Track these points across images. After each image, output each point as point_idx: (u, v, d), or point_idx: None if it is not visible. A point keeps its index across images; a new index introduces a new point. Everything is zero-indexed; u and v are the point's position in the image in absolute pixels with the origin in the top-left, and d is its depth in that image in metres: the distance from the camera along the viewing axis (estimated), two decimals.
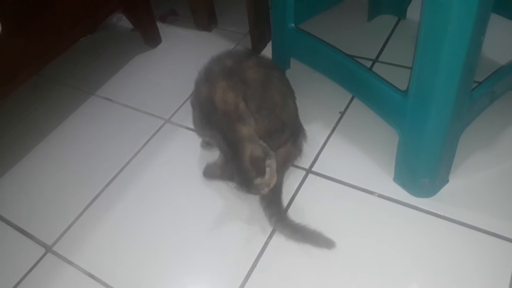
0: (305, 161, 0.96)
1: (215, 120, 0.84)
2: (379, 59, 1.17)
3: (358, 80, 0.90)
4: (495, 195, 0.84)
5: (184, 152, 1.04)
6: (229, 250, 0.84)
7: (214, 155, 0.92)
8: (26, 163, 1.11)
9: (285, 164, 0.92)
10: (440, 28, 0.64)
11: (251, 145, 0.81)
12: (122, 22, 1.52)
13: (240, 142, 0.82)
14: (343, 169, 0.93)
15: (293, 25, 1.02)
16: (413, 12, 1.26)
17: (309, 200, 0.89)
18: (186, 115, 0.98)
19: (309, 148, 0.96)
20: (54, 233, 0.93)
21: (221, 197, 0.93)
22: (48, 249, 0.91)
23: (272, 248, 0.83)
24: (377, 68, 1.14)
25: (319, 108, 1.07)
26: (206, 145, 1.02)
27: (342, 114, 1.05)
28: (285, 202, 0.89)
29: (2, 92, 1.01)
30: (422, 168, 0.83)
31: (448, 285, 0.73)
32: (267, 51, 1.25)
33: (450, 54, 0.66)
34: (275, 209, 0.85)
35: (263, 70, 0.88)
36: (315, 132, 1.00)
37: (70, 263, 0.87)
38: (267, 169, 0.80)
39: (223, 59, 0.88)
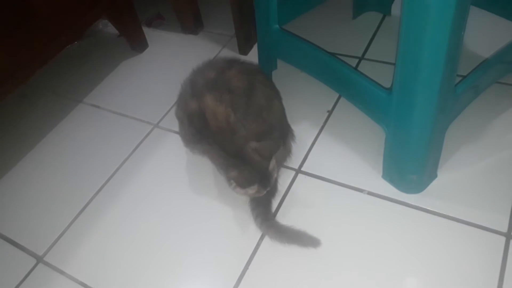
0: (294, 161, 0.96)
1: (209, 135, 0.85)
2: (365, 56, 1.17)
3: (343, 79, 0.91)
4: (484, 189, 0.84)
5: (174, 157, 1.04)
6: (222, 253, 0.84)
7: (203, 160, 0.92)
8: (14, 173, 1.10)
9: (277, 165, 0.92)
10: (420, 25, 0.65)
11: (249, 144, 0.82)
12: (108, 28, 1.51)
13: (242, 148, 0.82)
14: (332, 167, 0.94)
15: (277, 26, 1.02)
16: (398, 9, 1.26)
17: (299, 200, 0.90)
18: (175, 120, 0.98)
19: (297, 148, 0.96)
20: (45, 243, 0.93)
21: (212, 200, 0.93)
22: (39, 259, 0.90)
23: (264, 249, 0.83)
24: (364, 66, 1.15)
25: (306, 107, 1.07)
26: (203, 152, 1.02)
27: (330, 113, 1.05)
28: (275, 203, 0.89)
29: None
30: (410, 164, 0.84)
31: (439, 279, 0.74)
32: (254, 52, 1.25)
33: (431, 50, 0.66)
34: (261, 210, 0.85)
35: (246, 76, 0.88)
36: (303, 132, 1.00)
37: (62, 272, 0.87)
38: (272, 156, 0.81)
39: (206, 70, 0.89)
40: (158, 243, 0.88)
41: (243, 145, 0.83)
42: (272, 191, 0.88)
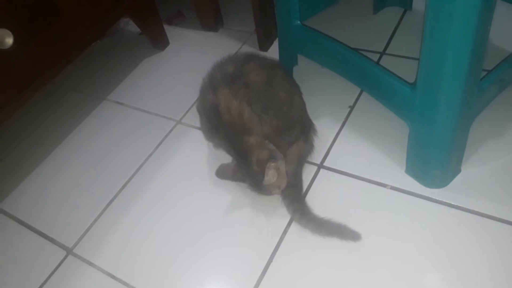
0: (316, 156, 0.96)
1: (221, 130, 0.86)
2: (387, 51, 1.17)
3: (366, 74, 0.91)
4: (508, 183, 0.84)
5: (197, 153, 1.06)
6: (244, 246, 0.86)
7: (226, 155, 0.94)
8: (43, 168, 1.14)
9: (300, 160, 0.93)
10: (446, 18, 0.64)
11: (259, 150, 0.83)
12: (130, 26, 1.54)
13: (249, 150, 0.84)
14: (354, 163, 0.94)
15: (298, 22, 1.02)
16: (419, 3, 1.25)
17: (322, 195, 0.90)
18: (197, 116, 0.99)
19: (319, 143, 0.97)
20: (74, 236, 0.96)
21: (234, 194, 0.94)
22: (69, 251, 0.93)
23: (287, 242, 0.84)
24: (385, 61, 1.14)
25: (328, 103, 1.07)
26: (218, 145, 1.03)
27: (352, 108, 1.05)
28: None
29: (17, 101, 1.03)
30: (433, 159, 0.83)
31: (463, 274, 0.74)
32: (274, 48, 1.25)
33: (457, 44, 0.66)
34: (298, 205, 0.85)
35: (265, 71, 0.88)
36: (325, 127, 1.00)
37: (91, 264, 0.90)
38: (269, 171, 0.82)
39: (225, 64, 0.89)
40: (183, 236, 0.90)
41: (251, 147, 0.84)
42: (298, 188, 0.89)
